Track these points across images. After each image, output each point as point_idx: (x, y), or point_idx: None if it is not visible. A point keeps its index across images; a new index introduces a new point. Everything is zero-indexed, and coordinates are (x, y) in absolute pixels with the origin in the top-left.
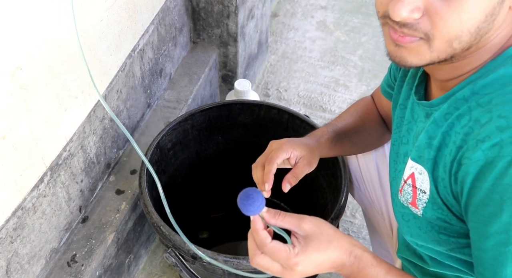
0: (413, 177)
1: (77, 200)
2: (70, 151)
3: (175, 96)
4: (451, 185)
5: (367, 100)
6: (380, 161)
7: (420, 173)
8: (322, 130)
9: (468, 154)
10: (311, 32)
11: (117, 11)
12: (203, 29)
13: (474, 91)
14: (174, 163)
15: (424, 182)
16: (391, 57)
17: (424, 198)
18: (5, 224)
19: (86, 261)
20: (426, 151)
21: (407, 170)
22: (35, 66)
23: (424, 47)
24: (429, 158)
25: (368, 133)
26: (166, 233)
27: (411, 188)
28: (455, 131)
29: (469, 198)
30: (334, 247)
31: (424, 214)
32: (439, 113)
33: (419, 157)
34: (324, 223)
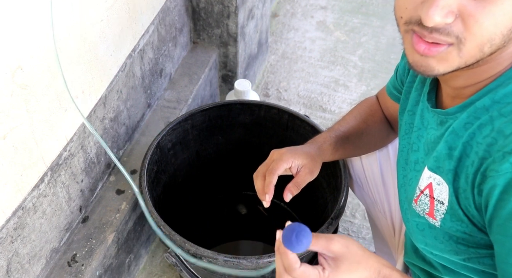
0: (430, 187)
1: (78, 200)
2: (70, 151)
3: (175, 96)
4: (473, 196)
5: (371, 101)
6: (383, 161)
7: (438, 184)
8: (324, 136)
9: (495, 166)
10: (311, 32)
11: (117, 11)
12: (203, 29)
13: (495, 100)
14: (174, 162)
15: (442, 193)
16: (414, 67)
17: (442, 209)
18: (6, 223)
19: (87, 261)
20: (446, 162)
21: (423, 180)
22: (35, 66)
23: (453, 54)
24: (449, 168)
25: (372, 136)
26: (166, 232)
27: (429, 198)
28: (477, 141)
29: (495, 210)
30: (363, 268)
31: (442, 225)
32: (458, 123)
33: (437, 167)
34: (352, 243)
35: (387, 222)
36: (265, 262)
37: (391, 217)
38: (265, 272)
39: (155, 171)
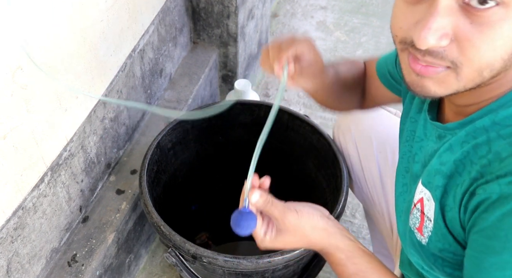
0: (421, 202)
1: (78, 200)
2: (70, 151)
3: (175, 96)
4: (459, 215)
5: (359, 66)
6: (382, 163)
7: (428, 199)
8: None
9: (484, 186)
10: (311, 32)
11: (117, 11)
12: (203, 29)
13: (495, 121)
14: (175, 162)
15: (430, 209)
16: (411, 87)
17: (429, 226)
18: (6, 223)
19: (87, 261)
20: (436, 177)
21: (417, 194)
22: (35, 66)
23: (451, 77)
24: (438, 185)
25: (351, 92)
26: (166, 232)
27: (420, 213)
28: (471, 160)
29: (473, 226)
30: (301, 242)
31: (428, 243)
32: (455, 140)
33: (428, 182)
34: (307, 219)
35: (385, 223)
36: (265, 262)
37: (390, 219)
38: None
39: (155, 171)
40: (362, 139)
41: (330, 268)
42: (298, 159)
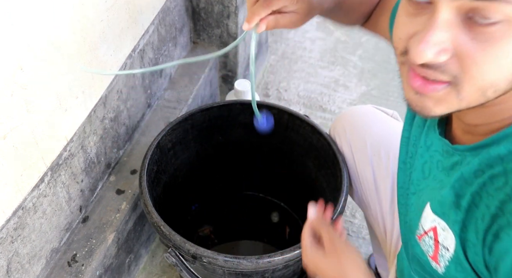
0: (435, 231)
1: (78, 200)
2: (70, 151)
3: (175, 96)
4: (484, 254)
5: None
6: (376, 165)
7: (443, 229)
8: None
9: (509, 231)
10: (311, 32)
11: (117, 11)
12: (203, 29)
13: (511, 150)
14: (175, 162)
15: (447, 239)
16: (410, 105)
17: (447, 255)
18: (6, 223)
19: (87, 261)
20: (452, 211)
21: (427, 221)
22: (35, 66)
23: (452, 95)
24: (456, 219)
25: (354, 12)
26: (166, 232)
27: (433, 241)
28: (487, 192)
29: (496, 269)
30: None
31: (445, 273)
32: (468, 169)
33: (443, 213)
34: (353, 251)
35: (379, 227)
36: (265, 262)
37: (383, 222)
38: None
39: (155, 171)
40: (356, 141)
41: None
42: (298, 159)
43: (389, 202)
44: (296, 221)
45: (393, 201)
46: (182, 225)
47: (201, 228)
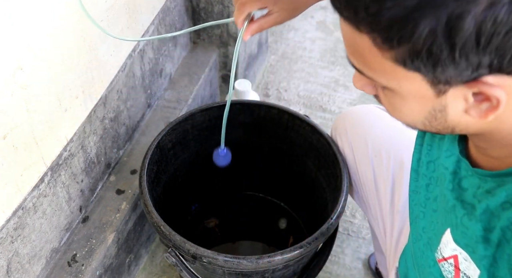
0: (456, 259)
1: (78, 200)
2: (70, 151)
3: (175, 97)
4: None
5: None
6: (377, 166)
7: (465, 259)
8: None
9: None
10: (311, 32)
11: (117, 11)
12: (203, 29)
13: None
14: (175, 162)
15: (469, 269)
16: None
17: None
18: (6, 223)
19: (87, 261)
20: (480, 245)
21: (448, 249)
22: (35, 66)
23: None
24: (485, 254)
25: None
26: (166, 232)
27: (453, 267)
28: None
29: None
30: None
31: None
32: (494, 202)
33: (466, 245)
34: None
35: (379, 228)
36: (265, 262)
37: (383, 224)
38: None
39: (155, 171)
40: (358, 142)
41: (330, 268)
42: (298, 159)
43: (389, 203)
44: (296, 221)
45: (393, 202)
46: (182, 225)
47: (207, 220)
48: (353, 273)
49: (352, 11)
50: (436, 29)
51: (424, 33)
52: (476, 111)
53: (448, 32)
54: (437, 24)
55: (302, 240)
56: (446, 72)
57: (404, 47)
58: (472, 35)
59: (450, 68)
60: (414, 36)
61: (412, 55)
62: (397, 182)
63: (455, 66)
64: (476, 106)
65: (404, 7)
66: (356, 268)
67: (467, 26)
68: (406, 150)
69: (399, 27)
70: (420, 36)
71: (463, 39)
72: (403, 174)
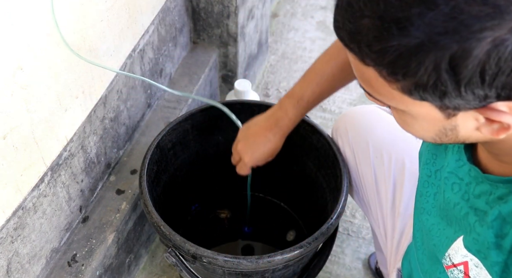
0: (466, 266)
1: (78, 200)
2: (70, 151)
3: (176, 96)
4: None
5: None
6: (377, 167)
7: (476, 266)
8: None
9: None
10: (311, 32)
11: (117, 11)
12: (203, 29)
13: None
14: (175, 162)
15: (480, 275)
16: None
17: None
18: (6, 223)
19: (87, 261)
20: (492, 252)
21: (458, 255)
22: (35, 66)
23: None
24: (497, 260)
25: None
26: (166, 232)
27: (463, 274)
28: None
29: None
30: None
31: None
32: (507, 208)
33: (478, 251)
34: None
35: (379, 229)
36: (265, 262)
37: (384, 225)
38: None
39: (155, 171)
40: (358, 143)
41: (330, 268)
42: (298, 159)
43: (390, 204)
44: (296, 221)
45: (394, 203)
46: (182, 225)
47: (221, 210)
48: (353, 273)
49: (356, 46)
50: (440, 66)
51: (428, 70)
52: (487, 130)
53: (452, 70)
54: (440, 62)
55: (302, 240)
56: (453, 102)
57: (410, 80)
58: (476, 73)
59: (457, 99)
60: (419, 72)
61: (418, 88)
62: (398, 183)
63: (462, 98)
64: (488, 125)
65: (407, 46)
66: (356, 268)
67: (471, 65)
68: (407, 151)
69: (403, 64)
70: (425, 72)
71: (467, 77)
72: (404, 175)
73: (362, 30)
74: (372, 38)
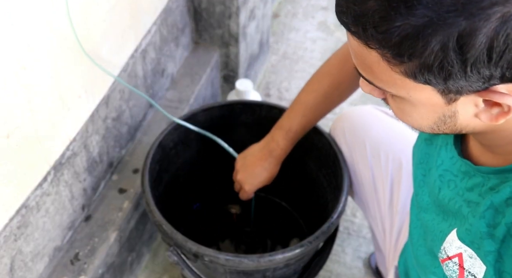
0: (460, 258)
1: (80, 199)
2: (73, 150)
3: (177, 96)
4: None
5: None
6: (375, 167)
7: (470, 256)
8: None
9: None
10: (312, 32)
11: (119, 12)
12: (204, 29)
13: None
14: (176, 162)
15: (475, 266)
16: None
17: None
18: (9, 222)
19: (89, 259)
20: (485, 241)
21: (451, 247)
22: (39, 66)
23: None
24: (489, 250)
25: (344, 92)
26: (168, 231)
27: (457, 266)
28: None
29: None
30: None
31: None
32: (498, 198)
33: (471, 242)
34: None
35: (378, 227)
36: (266, 261)
37: (382, 224)
38: None
39: (157, 170)
40: (356, 143)
41: (331, 267)
42: (298, 158)
43: (388, 203)
44: (296, 220)
45: (392, 202)
46: (184, 224)
47: (232, 204)
48: (354, 272)
49: (360, 28)
50: (447, 45)
51: (435, 50)
52: (486, 116)
53: (459, 49)
54: (448, 40)
55: (303, 239)
56: (457, 84)
57: (415, 62)
58: (484, 51)
59: (461, 81)
60: (425, 52)
61: (423, 70)
62: (396, 182)
63: (466, 79)
64: (487, 111)
65: (415, 24)
66: (357, 267)
67: (479, 43)
68: (404, 151)
69: (410, 44)
70: (431, 52)
71: (475, 55)
72: (402, 174)
73: (368, 11)
74: (379, 18)
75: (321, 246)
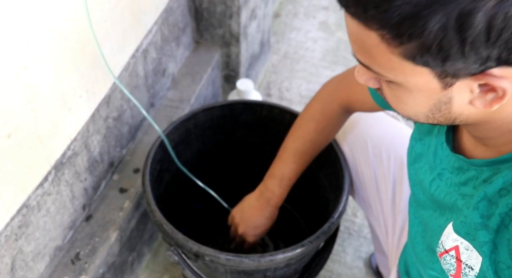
0: (457, 250)
1: (81, 198)
2: (74, 150)
3: (178, 96)
4: None
5: (326, 98)
6: (377, 166)
7: (466, 249)
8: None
9: None
10: (313, 32)
11: (120, 11)
12: (205, 29)
13: None
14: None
15: (471, 258)
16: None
17: (471, 274)
18: (10, 221)
19: (90, 259)
20: (479, 232)
21: (448, 240)
22: (40, 65)
23: None
24: (485, 240)
25: (330, 134)
26: (169, 231)
27: (455, 260)
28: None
29: None
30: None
31: None
32: (491, 189)
33: (466, 233)
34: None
35: (380, 227)
36: (267, 261)
37: (385, 223)
38: None
39: (158, 169)
40: (357, 142)
41: (331, 267)
42: None
43: (390, 202)
44: (297, 220)
45: (394, 201)
46: (185, 224)
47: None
48: (354, 272)
49: (361, 8)
50: (447, 25)
51: (435, 29)
52: (481, 102)
53: (459, 28)
54: (448, 20)
55: (304, 239)
56: (455, 66)
57: (414, 42)
58: (482, 30)
59: (459, 62)
60: (425, 32)
61: (422, 51)
62: (398, 181)
63: (464, 60)
64: (482, 97)
65: (415, 4)
66: (357, 267)
67: (478, 22)
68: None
69: (410, 24)
70: (431, 32)
71: (473, 34)
72: (404, 173)
73: None
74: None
75: (321, 246)
